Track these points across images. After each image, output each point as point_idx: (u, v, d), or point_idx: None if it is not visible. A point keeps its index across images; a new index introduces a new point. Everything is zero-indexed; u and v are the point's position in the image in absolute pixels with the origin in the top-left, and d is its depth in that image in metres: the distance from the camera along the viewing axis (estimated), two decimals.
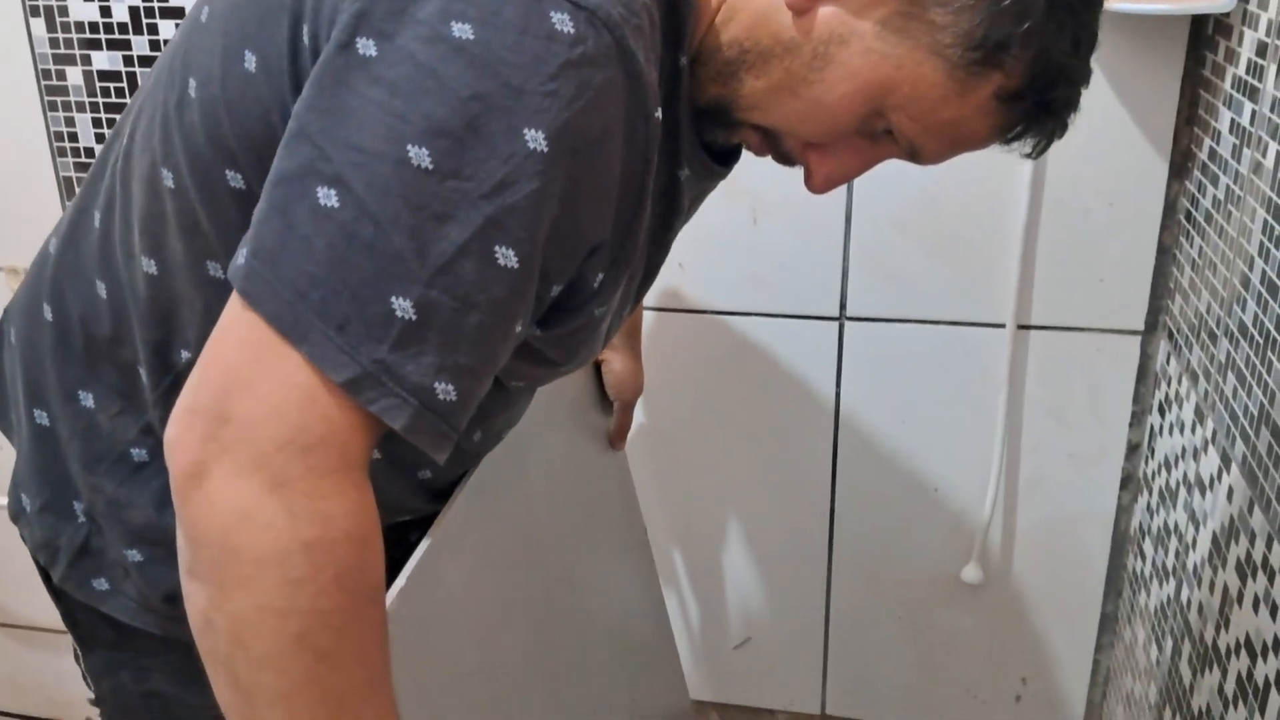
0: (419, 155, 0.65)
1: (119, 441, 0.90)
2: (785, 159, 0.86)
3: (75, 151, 1.73)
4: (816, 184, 0.85)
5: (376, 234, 0.65)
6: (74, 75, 1.69)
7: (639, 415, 1.38)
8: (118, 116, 1.68)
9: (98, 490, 0.90)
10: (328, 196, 0.65)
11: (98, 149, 1.70)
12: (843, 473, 1.68)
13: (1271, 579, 0.98)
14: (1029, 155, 0.84)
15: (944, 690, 1.79)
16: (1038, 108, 0.78)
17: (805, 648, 1.81)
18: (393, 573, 0.82)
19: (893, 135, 0.80)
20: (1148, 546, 1.48)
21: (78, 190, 0.92)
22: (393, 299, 0.65)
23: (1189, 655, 1.23)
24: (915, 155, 0.82)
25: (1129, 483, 1.59)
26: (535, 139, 0.66)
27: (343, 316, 0.65)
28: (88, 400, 0.90)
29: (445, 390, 0.68)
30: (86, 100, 1.70)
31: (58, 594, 0.97)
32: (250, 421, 0.64)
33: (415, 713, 0.81)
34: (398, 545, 1.00)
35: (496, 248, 0.67)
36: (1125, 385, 1.53)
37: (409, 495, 0.94)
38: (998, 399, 1.56)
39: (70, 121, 1.72)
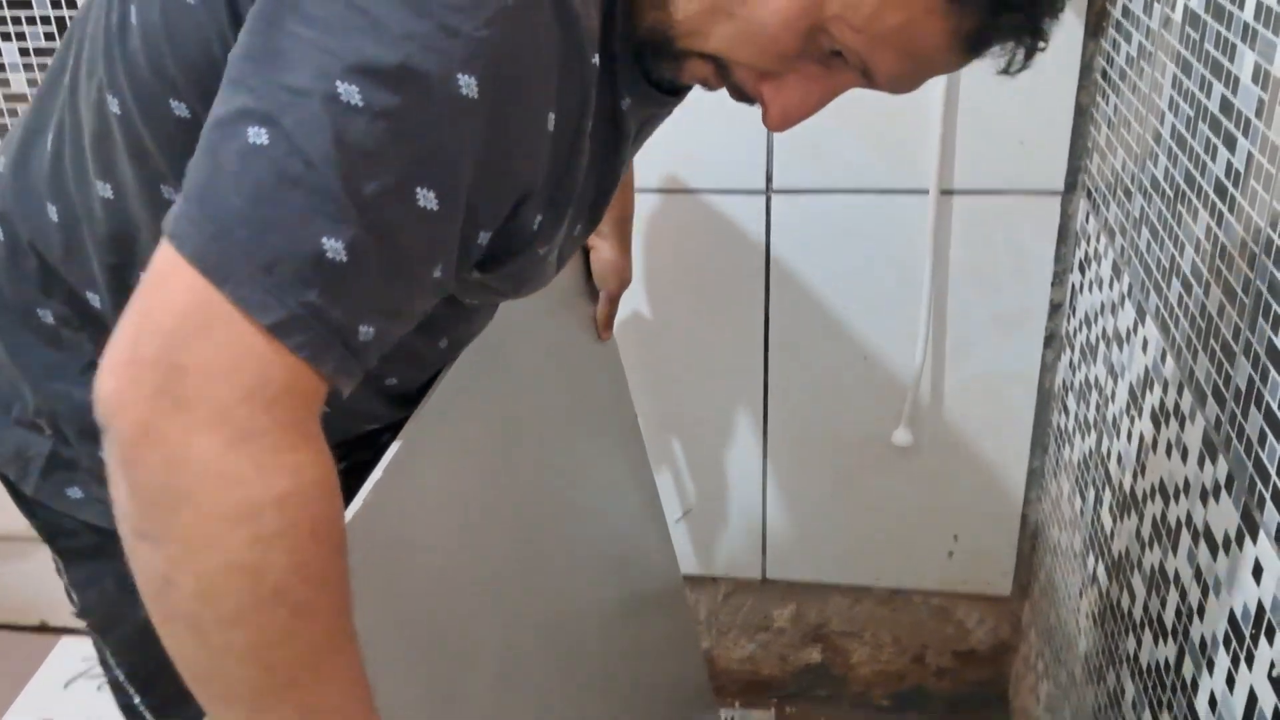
0: (349, 92, 0.63)
1: (84, 353, 0.89)
2: (739, 92, 0.84)
3: None
4: (773, 118, 0.82)
5: (306, 171, 0.62)
6: None
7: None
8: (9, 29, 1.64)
9: (61, 399, 0.90)
10: (257, 135, 0.63)
11: None
12: (775, 344, 1.70)
13: (1182, 424, 1.02)
14: (1006, 71, 0.79)
15: (878, 550, 1.84)
16: (992, 3, 0.73)
17: (744, 516, 1.85)
18: (363, 477, 0.82)
19: (844, 57, 0.78)
20: (1071, 402, 1.52)
21: (23, 109, 0.90)
22: (323, 239, 0.63)
23: (1109, 503, 1.28)
24: (870, 75, 0.79)
25: (1052, 341, 1.62)
26: (467, 84, 0.65)
27: (270, 256, 0.62)
28: (47, 317, 0.89)
29: (365, 331, 0.67)
30: None
31: (32, 509, 0.96)
32: (208, 373, 0.61)
33: (391, 609, 0.82)
34: (367, 449, 1.01)
35: (419, 189, 0.66)
36: (1047, 245, 1.56)
37: (376, 403, 0.95)
38: (923, 264, 1.58)
39: None
